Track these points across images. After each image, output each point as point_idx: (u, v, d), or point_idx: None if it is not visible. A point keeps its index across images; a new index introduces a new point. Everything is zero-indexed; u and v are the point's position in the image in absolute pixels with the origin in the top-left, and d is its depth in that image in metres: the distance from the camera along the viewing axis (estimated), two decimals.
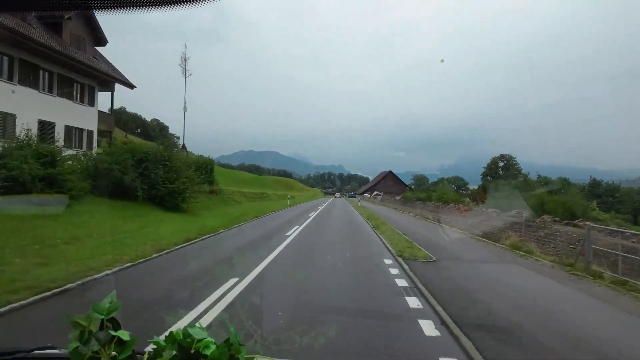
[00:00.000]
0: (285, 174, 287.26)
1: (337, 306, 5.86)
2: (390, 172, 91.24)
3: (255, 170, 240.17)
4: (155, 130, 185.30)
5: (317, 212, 28.77)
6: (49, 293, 5.59)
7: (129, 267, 7.77)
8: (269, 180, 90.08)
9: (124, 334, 0.96)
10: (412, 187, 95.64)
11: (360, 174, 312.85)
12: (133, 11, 0.92)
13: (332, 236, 15.04)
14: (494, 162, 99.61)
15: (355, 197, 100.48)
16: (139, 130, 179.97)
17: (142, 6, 0.91)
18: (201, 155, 31.15)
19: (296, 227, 16.80)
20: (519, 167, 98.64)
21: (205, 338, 0.97)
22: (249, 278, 7.07)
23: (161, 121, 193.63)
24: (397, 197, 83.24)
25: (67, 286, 6.00)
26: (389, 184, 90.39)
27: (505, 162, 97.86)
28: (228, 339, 1.00)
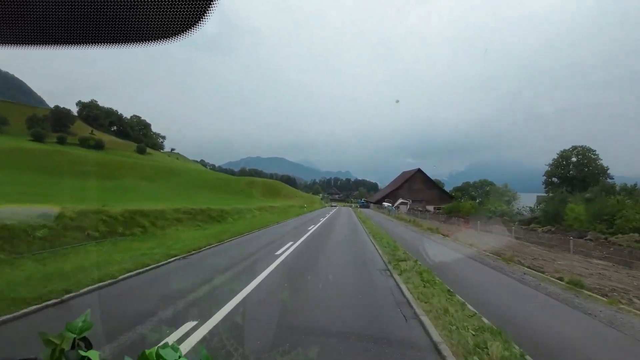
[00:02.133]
0: (289, 179, 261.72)
1: None
2: (419, 171, 62.68)
3: (257, 175, 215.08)
4: (134, 129, 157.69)
5: None
6: None
7: None
8: (241, 183, 62.24)
9: (94, 355, 0.92)
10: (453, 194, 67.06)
11: (368, 179, 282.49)
12: (125, 47, 1.01)
13: None
14: (564, 157, 70.02)
15: (367, 206, 72.71)
16: (114, 128, 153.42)
17: (132, 42, 0.99)
18: None
19: None
20: (602, 164, 66.16)
21: (176, 359, 0.95)
22: None
23: (143, 118, 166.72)
24: (431, 208, 54.63)
25: None
26: (417, 188, 61.72)
27: (580, 156, 68.18)
28: None
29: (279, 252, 10.99)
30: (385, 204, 54.19)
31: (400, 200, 51.06)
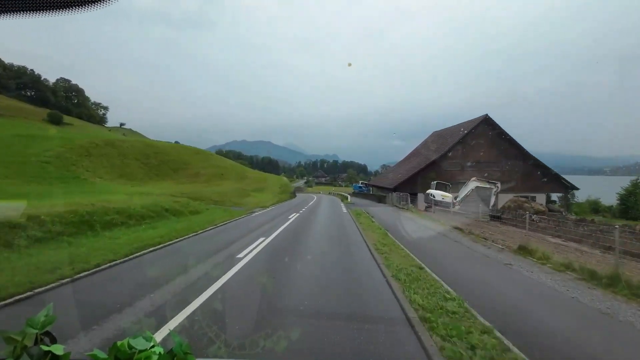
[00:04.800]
0: (270, 162, 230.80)
1: None
2: (485, 122, 29.09)
3: (236, 157, 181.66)
4: (58, 95, 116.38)
5: None
6: None
7: None
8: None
9: (57, 349, 0.87)
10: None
11: (357, 161, 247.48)
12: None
13: None
14: None
15: (378, 198, 36.36)
16: (29, 93, 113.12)
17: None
18: None
19: None
20: None
21: (148, 349, 0.91)
22: None
23: (74, 82, 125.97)
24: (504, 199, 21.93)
25: None
26: (480, 158, 28.42)
27: None
28: (172, 349, 0.93)
29: None
30: (437, 192, 20.90)
31: (474, 184, 18.50)
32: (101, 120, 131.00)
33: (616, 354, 3.80)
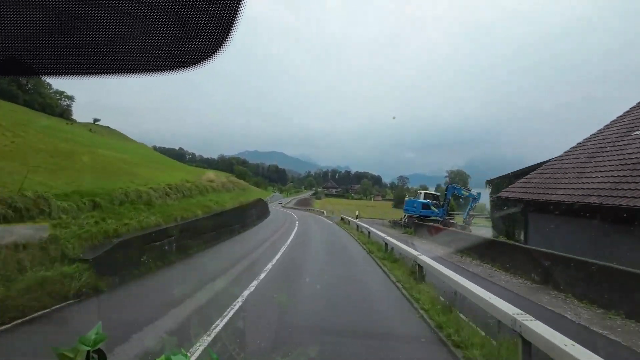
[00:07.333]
0: (277, 170, 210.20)
1: None
2: None
3: (242, 165, 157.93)
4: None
5: None
6: None
7: None
8: None
9: None
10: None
11: (370, 172, 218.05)
12: (134, 76, 1.01)
13: None
14: None
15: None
16: None
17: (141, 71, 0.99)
18: None
19: None
20: None
21: None
22: None
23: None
24: None
25: None
26: None
27: None
28: None
29: None
30: None
31: None
32: (64, 113, 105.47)
33: None
